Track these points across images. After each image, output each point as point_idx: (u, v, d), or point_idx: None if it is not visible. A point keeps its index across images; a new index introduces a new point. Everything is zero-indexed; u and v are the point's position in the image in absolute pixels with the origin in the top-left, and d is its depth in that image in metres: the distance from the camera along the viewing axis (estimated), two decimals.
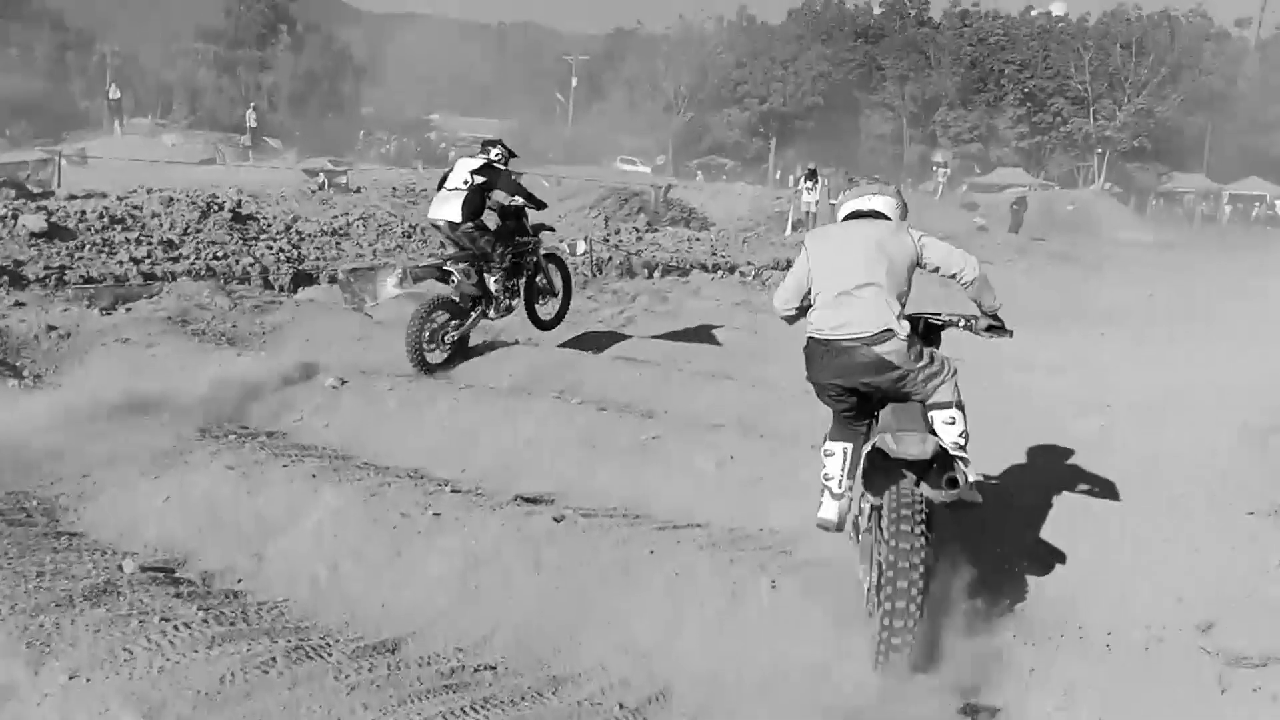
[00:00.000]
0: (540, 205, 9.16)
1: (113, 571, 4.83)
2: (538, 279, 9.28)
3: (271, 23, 69.47)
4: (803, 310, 4.65)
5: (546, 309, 9.45)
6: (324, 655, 4.19)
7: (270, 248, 13.22)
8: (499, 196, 8.72)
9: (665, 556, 4.91)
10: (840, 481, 4.47)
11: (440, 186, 8.77)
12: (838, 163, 44.85)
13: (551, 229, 9.73)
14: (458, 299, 8.57)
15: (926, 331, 4.70)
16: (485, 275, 8.63)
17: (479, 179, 8.51)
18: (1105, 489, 6.26)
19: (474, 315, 8.67)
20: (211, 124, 56.84)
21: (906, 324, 4.36)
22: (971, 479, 4.32)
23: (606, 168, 56.53)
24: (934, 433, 4.31)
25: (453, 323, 8.57)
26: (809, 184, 27.58)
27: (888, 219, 4.61)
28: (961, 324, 4.79)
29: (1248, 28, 73.96)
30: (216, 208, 14.11)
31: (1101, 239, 39.18)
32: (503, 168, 8.80)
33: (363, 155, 50.59)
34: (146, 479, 5.91)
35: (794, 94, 69.40)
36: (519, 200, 8.83)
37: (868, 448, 4.26)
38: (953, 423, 4.40)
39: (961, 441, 4.37)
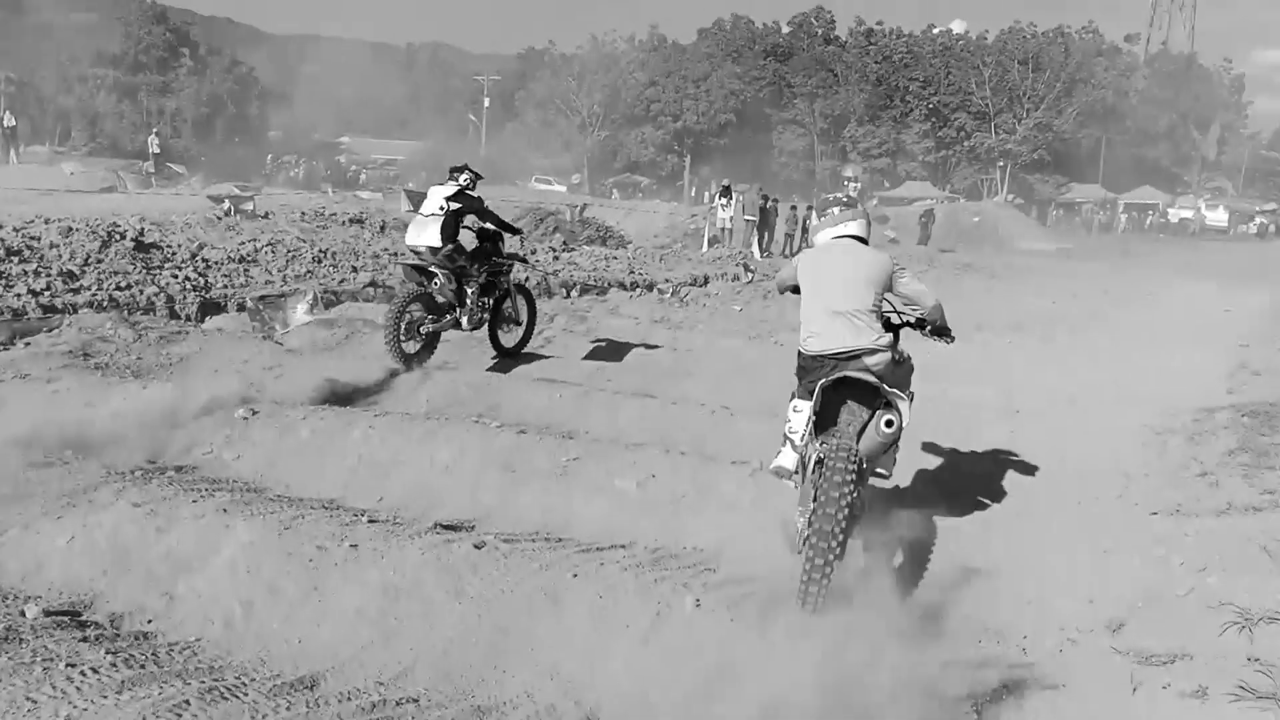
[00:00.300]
0: (514, 231, 9.85)
1: (15, 617, 4.62)
2: (505, 305, 9.66)
3: (172, 46, 67.95)
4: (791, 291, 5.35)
5: (510, 336, 9.85)
6: (240, 695, 4.07)
7: (175, 277, 12.86)
8: (472, 222, 9.27)
9: (589, 579, 4.88)
10: (802, 435, 4.89)
11: (415, 212, 9.23)
12: (752, 179, 45.38)
13: (524, 260, 9.93)
14: (437, 298, 9.04)
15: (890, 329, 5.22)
16: (464, 285, 9.14)
17: (454, 205, 9.02)
18: (1017, 494, 6.42)
19: (448, 318, 9.15)
20: (112, 151, 55.45)
21: (888, 335, 4.97)
22: (893, 467, 5.17)
23: (522, 187, 56.46)
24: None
25: (429, 318, 9.05)
26: (724, 200, 27.91)
27: (864, 241, 5.20)
28: (914, 323, 5.37)
29: (1136, 43, 77.33)
30: (118, 237, 13.67)
31: (1006, 249, 40.38)
32: (475, 194, 9.30)
33: (271, 180, 49.72)
34: (49, 519, 5.67)
35: (706, 112, 70.28)
36: (490, 226, 9.41)
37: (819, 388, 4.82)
38: (892, 425, 4.86)
39: (900, 419, 4.89)
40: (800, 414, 4.94)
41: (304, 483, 6.62)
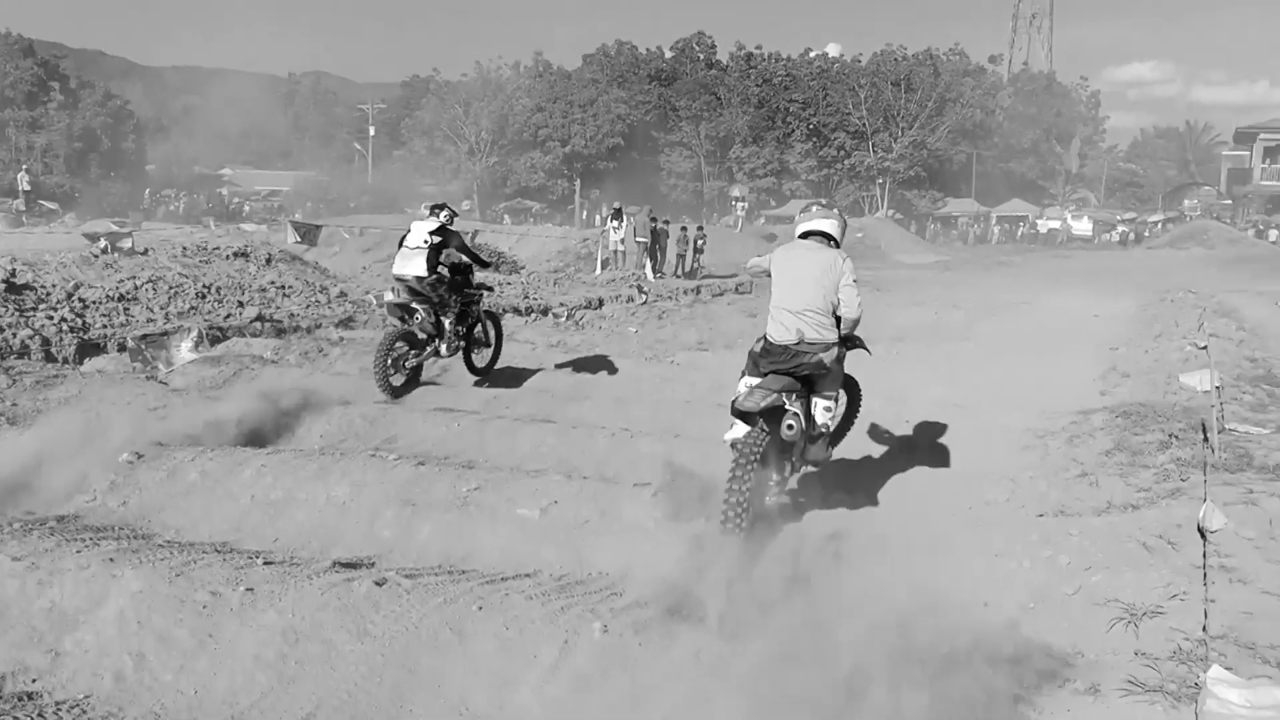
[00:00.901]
0: (485, 264, 10.80)
1: None
2: (475, 330, 10.48)
3: (41, 80, 65.30)
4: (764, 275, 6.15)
5: (480, 357, 10.68)
6: None
7: (51, 318, 12.32)
8: (451, 255, 9.97)
9: (494, 611, 4.85)
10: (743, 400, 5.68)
11: (400, 246, 9.90)
12: (642, 201, 45.79)
13: (491, 289, 10.70)
14: (418, 334, 9.78)
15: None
16: (441, 318, 9.87)
17: (436, 239, 9.73)
18: (910, 501, 6.60)
19: (429, 349, 9.87)
20: None
21: (835, 338, 5.77)
22: (831, 451, 6.24)
23: (411, 215, 55.76)
24: (810, 409, 5.90)
25: (411, 352, 9.77)
26: (615, 223, 28.07)
27: (833, 238, 6.02)
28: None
29: (1000, 64, 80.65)
30: None
31: (888, 262, 41.57)
32: (454, 229, 10.06)
33: (150, 215, 48.14)
34: None
35: (594, 136, 70.65)
36: (466, 259, 10.22)
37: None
38: (829, 410, 6.01)
39: (830, 422, 6.02)
40: (751, 398, 5.64)
41: (194, 526, 6.42)
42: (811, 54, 77.86)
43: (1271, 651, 4.37)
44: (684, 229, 30.26)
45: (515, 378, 11.10)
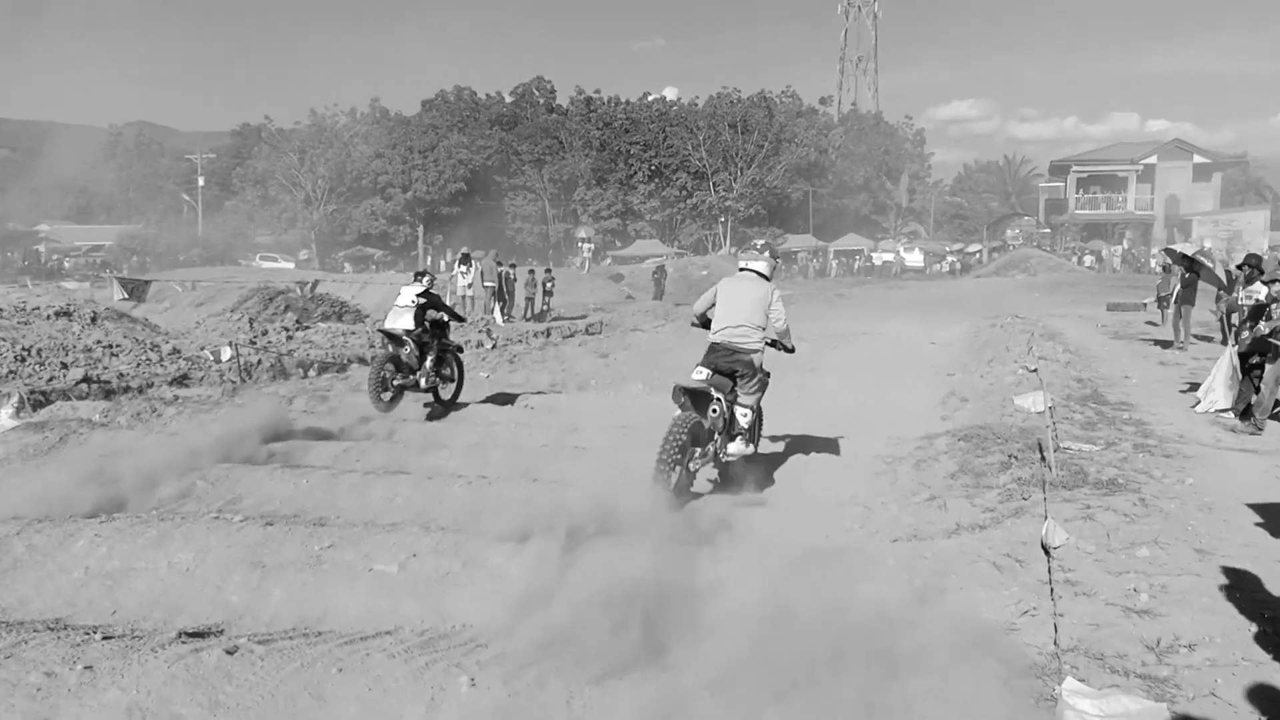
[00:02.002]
0: (460, 319, 12.99)
1: None
2: (444, 369, 12.10)
3: None
4: (702, 320, 8.04)
5: (445, 390, 12.24)
6: None
7: None
8: (432, 314, 11.80)
9: (355, 672, 4.67)
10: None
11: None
12: (488, 245, 45.62)
13: (461, 349, 12.73)
14: (405, 360, 11.49)
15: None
16: (424, 356, 11.65)
17: (421, 300, 11.70)
18: (769, 530, 6.70)
19: (412, 377, 11.54)
20: None
21: (760, 345, 7.61)
22: (749, 446, 7.72)
23: (246, 267, 53.95)
24: (731, 409, 7.58)
25: (398, 374, 11.46)
26: (463, 268, 27.83)
27: (765, 276, 7.88)
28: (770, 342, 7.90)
29: (830, 104, 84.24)
30: None
31: None
32: (436, 293, 12.21)
33: None
34: None
35: (436, 181, 70.05)
36: (445, 316, 12.05)
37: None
38: (745, 416, 7.64)
39: (745, 424, 7.62)
40: (699, 374, 7.44)
41: (23, 604, 5.97)
42: (650, 97, 79.54)
43: (1119, 661, 4.60)
44: (531, 272, 30.29)
45: (365, 429, 10.83)
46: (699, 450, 7.31)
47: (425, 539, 6.27)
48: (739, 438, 7.59)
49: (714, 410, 7.30)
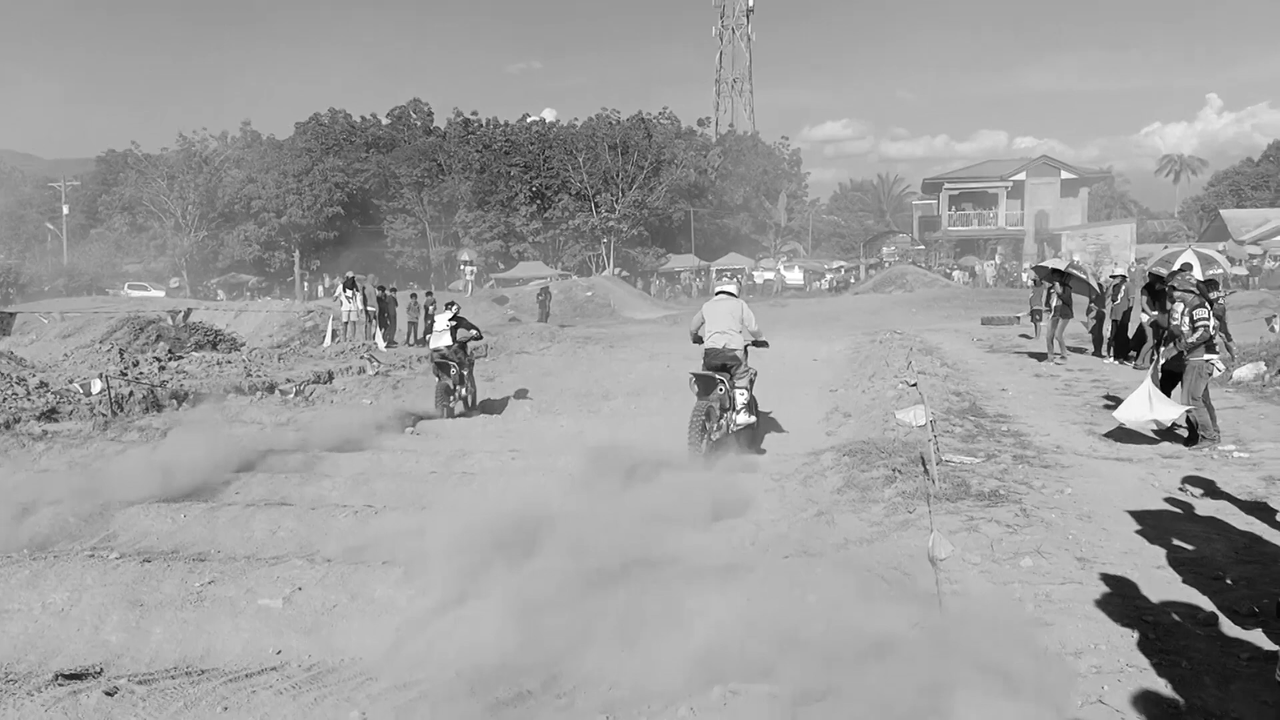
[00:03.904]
0: (480, 336, 15.48)
1: None
2: (465, 384, 14.95)
3: None
4: (695, 338, 10.53)
5: (470, 398, 15.17)
6: None
7: None
8: (461, 335, 14.79)
9: (242, 710, 4.55)
10: (692, 384, 10.15)
11: (430, 330, 16.48)
12: (367, 270, 44.77)
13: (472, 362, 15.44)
14: (451, 383, 14.53)
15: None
16: (463, 372, 14.81)
17: (453, 323, 14.78)
18: (666, 550, 6.71)
19: (454, 395, 14.63)
20: None
21: (743, 345, 10.18)
22: (751, 416, 10.25)
23: (114, 297, 51.79)
24: (732, 398, 10.16)
25: (453, 389, 14.61)
26: (349, 293, 27.22)
27: (734, 294, 10.49)
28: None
29: (708, 126, 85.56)
30: None
31: (618, 319, 42.76)
32: (463, 317, 15.14)
33: None
34: None
35: (311, 206, 68.51)
36: (473, 334, 15.08)
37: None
38: (742, 394, 10.15)
39: (742, 401, 10.16)
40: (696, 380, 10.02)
41: None
42: (529, 119, 79.44)
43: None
44: (414, 296, 29.85)
45: (244, 460, 10.51)
46: (714, 425, 9.80)
47: (311, 571, 6.14)
48: (742, 410, 10.13)
49: (721, 389, 9.91)
